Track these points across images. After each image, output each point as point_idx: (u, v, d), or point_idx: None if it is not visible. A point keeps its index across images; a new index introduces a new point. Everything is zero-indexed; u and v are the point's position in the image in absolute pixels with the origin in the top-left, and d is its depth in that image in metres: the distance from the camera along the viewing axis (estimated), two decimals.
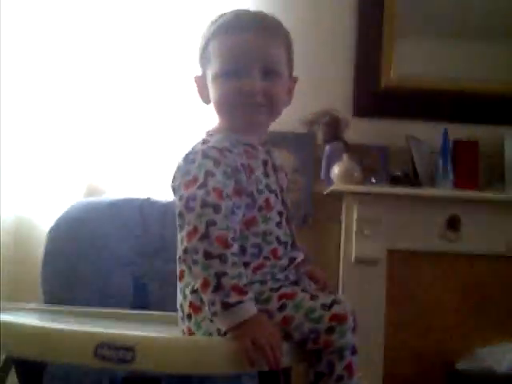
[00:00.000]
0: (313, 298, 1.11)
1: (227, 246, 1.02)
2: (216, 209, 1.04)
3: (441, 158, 2.29)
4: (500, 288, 2.29)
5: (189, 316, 1.12)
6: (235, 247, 1.04)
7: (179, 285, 1.16)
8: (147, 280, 1.52)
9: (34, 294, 1.60)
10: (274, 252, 1.17)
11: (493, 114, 2.41)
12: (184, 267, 1.14)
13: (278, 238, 1.18)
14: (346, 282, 2.27)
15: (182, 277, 1.15)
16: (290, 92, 1.27)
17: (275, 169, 1.24)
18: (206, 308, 1.07)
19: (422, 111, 2.41)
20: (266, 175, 1.19)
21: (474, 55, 2.40)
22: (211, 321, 1.09)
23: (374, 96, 2.42)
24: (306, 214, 2.39)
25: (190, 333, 1.11)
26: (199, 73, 1.25)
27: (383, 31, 2.41)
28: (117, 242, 1.59)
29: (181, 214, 1.07)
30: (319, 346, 1.08)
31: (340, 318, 1.09)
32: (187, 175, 1.09)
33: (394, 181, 2.30)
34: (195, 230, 1.03)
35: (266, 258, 1.16)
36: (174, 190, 1.13)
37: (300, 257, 1.23)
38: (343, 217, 2.30)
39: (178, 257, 1.16)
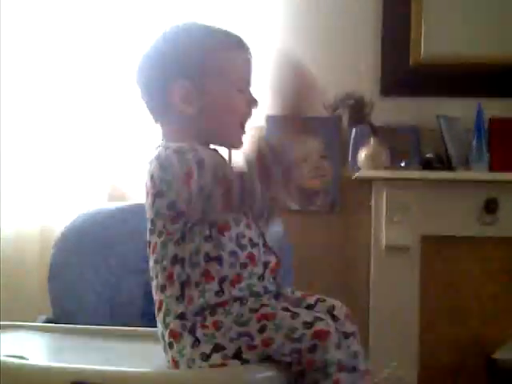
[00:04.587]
0: (294, 316, 1.06)
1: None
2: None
3: (475, 136, 2.16)
4: None
5: (170, 345, 1.10)
6: None
7: (158, 314, 1.13)
8: None
9: None
10: (250, 257, 1.13)
11: None
12: (161, 297, 1.12)
13: (251, 241, 1.13)
14: (377, 271, 2.20)
15: (160, 306, 1.13)
16: None
17: None
18: (186, 334, 1.04)
19: (454, 87, 2.27)
20: None
21: (506, 27, 2.22)
22: (192, 347, 1.06)
23: (403, 74, 2.30)
24: (333, 200, 2.32)
25: (175, 362, 1.09)
26: (185, 81, 1.19)
27: (411, 6, 2.27)
28: (125, 250, 1.58)
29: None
30: (303, 366, 1.04)
31: (322, 335, 1.04)
32: (178, 174, 1.05)
33: (426, 164, 2.19)
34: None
35: (243, 265, 1.11)
36: (161, 209, 1.09)
37: (272, 260, 1.17)
38: (372, 203, 2.22)
39: (154, 285, 1.14)
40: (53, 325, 1.32)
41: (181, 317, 1.09)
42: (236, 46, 1.19)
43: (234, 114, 1.18)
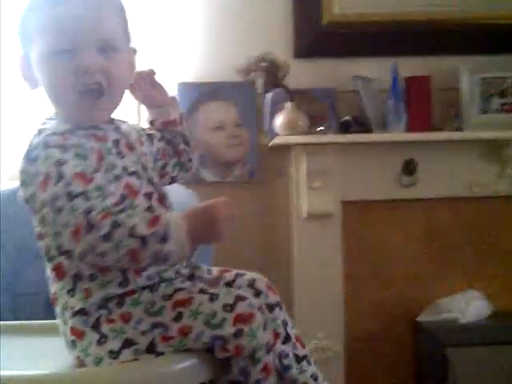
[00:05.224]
0: (212, 298, 0.96)
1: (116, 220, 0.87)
2: (86, 196, 0.88)
3: (391, 96, 2.11)
4: (462, 233, 2.17)
5: (73, 343, 0.96)
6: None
7: (56, 308, 1.00)
8: None
9: None
10: None
11: (446, 45, 2.20)
12: (55, 288, 0.98)
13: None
14: (299, 239, 2.13)
15: (55, 300, 0.99)
16: (131, 66, 1.08)
17: (131, 146, 1.05)
18: (90, 331, 0.92)
19: (370, 47, 2.19)
20: (122, 156, 1.01)
21: None
22: (98, 344, 0.94)
23: (316, 34, 2.20)
24: (251, 169, 2.22)
25: (80, 360, 0.96)
26: (20, 52, 1.03)
27: None
28: (21, 235, 1.42)
29: (50, 222, 0.90)
30: (230, 353, 0.94)
31: (246, 318, 0.94)
32: (37, 177, 0.90)
33: (343, 127, 2.13)
34: (77, 228, 0.86)
35: None
36: (28, 201, 0.94)
37: None
38: (292, 170, 2.14)
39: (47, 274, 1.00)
40: None
41: (80, 312, 0.96)
42: (46, 1, 0.98)
43: (58, 87, 0.99)
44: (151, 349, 0.94)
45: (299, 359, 1.13)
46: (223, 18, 2.16)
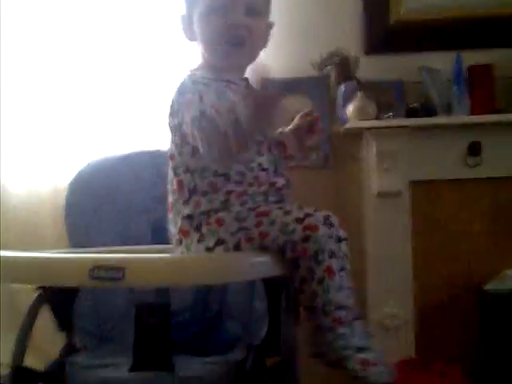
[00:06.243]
0: (287, 213, 1.20)
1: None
2: (216, 124, 1.12)
3: (455, 84, 2.29)
4: None
5: (179, 241, 1.23)
6: None
7: (170, 215, 1.27)
8: (163, 224, 1.63)
9: None
10: (256, 178, 1.26)
11: (507, 36, 2.37)
12: (173, 199, 1.25)
13: (260, 165, 1.27)
14: (370, 216, 2.32)
15: (171, 208, 1.27)
16: (267, 33, 1.35)
17: None
18: (193, 231, 1.18)
19: (434, 41, 2.40)
20: None
21: None
22: (198, 241, 1.19)
23: (384, 31, 2.43)
24: (326, 155, 2.45)
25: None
26: (184, 12, 1.34)
27: None
28: (131, 191, 1.72)
29: (191, 137, 1.18)
30: (297, 253, 1.16)
31: (312, 228, 1.17)
32: (184, 104, 1.19)
33: (411, 113, 2.32)
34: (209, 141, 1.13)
35: (250, 184, 1.25)
36: (176, 127, 1.23)
37: (280, 182, 1.30)
38: (363, 153, 2.35)
39: (168, 187, 1.28)
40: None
41: (188, 217, 1.22)
42: None
43: (211, 38, 1.28)
44: (238, 247, 1.19)
45: (347, 287, 1.23)
46: (300, 18, 2.42)
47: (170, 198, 1.27)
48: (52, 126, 2.31)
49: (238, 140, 1.11)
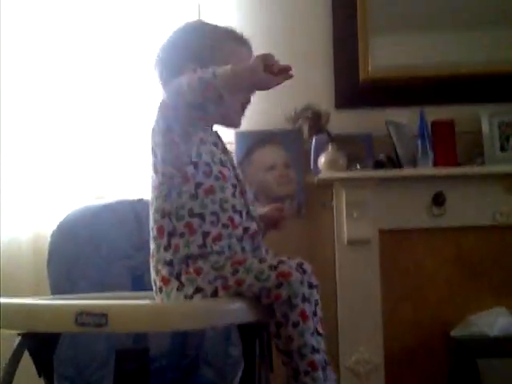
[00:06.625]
0: (261, 261, 1.28)
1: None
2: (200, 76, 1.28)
3: (420, 138, 2.43)
4: (487, 257, 2.42)
5: (160, 289, 1.30)
6: None
7: (152, 262, 1.34)
8: (143, 271, 1.70)
9: None
10: (230, 220, 1.34)
11: (467, 94, 2.54)
12: (154, 246, 1.33)
13: (233, 207, 1.35)
14: (341, 263, 2.42)
15: (153, 255, 1.34)
16: None
17: (226, 150, 1.43)
18: (173, 280, 1.26)
19: (400, 98, 2.55)
20: (223, 151, 1.40)
21: (441, 42, 2.55)
22: (178, 290, 1.27)
23: (354, 88, 2.58)
24: (299, 204, 2.55)
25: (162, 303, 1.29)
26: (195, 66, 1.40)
27: (357, 28, 2.57)
28: (113, 239, 1.79)
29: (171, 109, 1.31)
30: (272, 299, 1.24)
31: (285, 274, 1.25)
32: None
33: (378, 165, 2.45)
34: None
35: (224, 225, 1.33)
36: (155, 145, 1.33)
37: (253, 227, 1.39)
38: (334, 202, 2.46)
39: (151, 237, 1.35)
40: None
41: (169, 263, 1.30)
42: (240, 41, 1.46)
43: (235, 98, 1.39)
44: (215, 294, 1.26)
45: (318, 333, 1.29)
46: None
47: (152, 245, 1.35)
48: (32, 173, 2.36)
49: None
